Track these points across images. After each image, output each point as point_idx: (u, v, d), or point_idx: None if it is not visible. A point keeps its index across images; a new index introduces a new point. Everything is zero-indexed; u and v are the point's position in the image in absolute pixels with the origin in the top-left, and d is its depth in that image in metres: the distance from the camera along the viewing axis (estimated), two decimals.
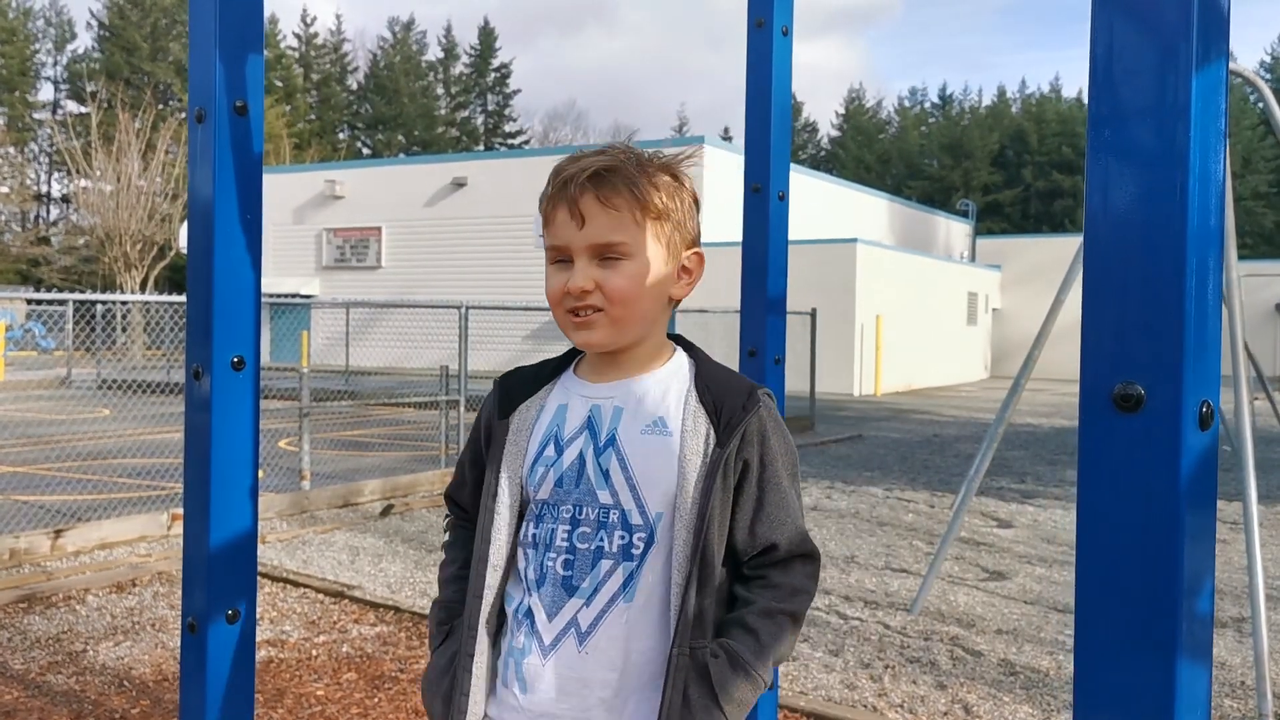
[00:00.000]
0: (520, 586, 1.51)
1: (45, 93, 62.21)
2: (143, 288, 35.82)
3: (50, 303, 25.08)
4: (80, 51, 64.94)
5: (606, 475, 1.47)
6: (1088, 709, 0.83)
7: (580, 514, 1.47)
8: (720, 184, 27.64)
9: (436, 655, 1.55)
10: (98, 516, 7.52)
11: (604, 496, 1.46)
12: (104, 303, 23.03)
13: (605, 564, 1.45)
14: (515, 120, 73.12)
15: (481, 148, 67.64)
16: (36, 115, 60.04)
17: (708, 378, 1.52)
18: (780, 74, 2.18)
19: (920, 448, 13.67)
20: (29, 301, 28.22)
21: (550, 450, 1.51)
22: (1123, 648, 0.80)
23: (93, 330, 23.73)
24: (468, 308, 10.93)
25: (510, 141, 70.80)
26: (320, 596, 5.82)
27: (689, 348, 1.59)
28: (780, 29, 2.19)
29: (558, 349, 1.68)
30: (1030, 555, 7.18)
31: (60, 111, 59.18)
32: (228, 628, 1.43)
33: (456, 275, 29.33)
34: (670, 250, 1.50)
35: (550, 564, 1.47)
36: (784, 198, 2.19)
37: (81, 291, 40.78)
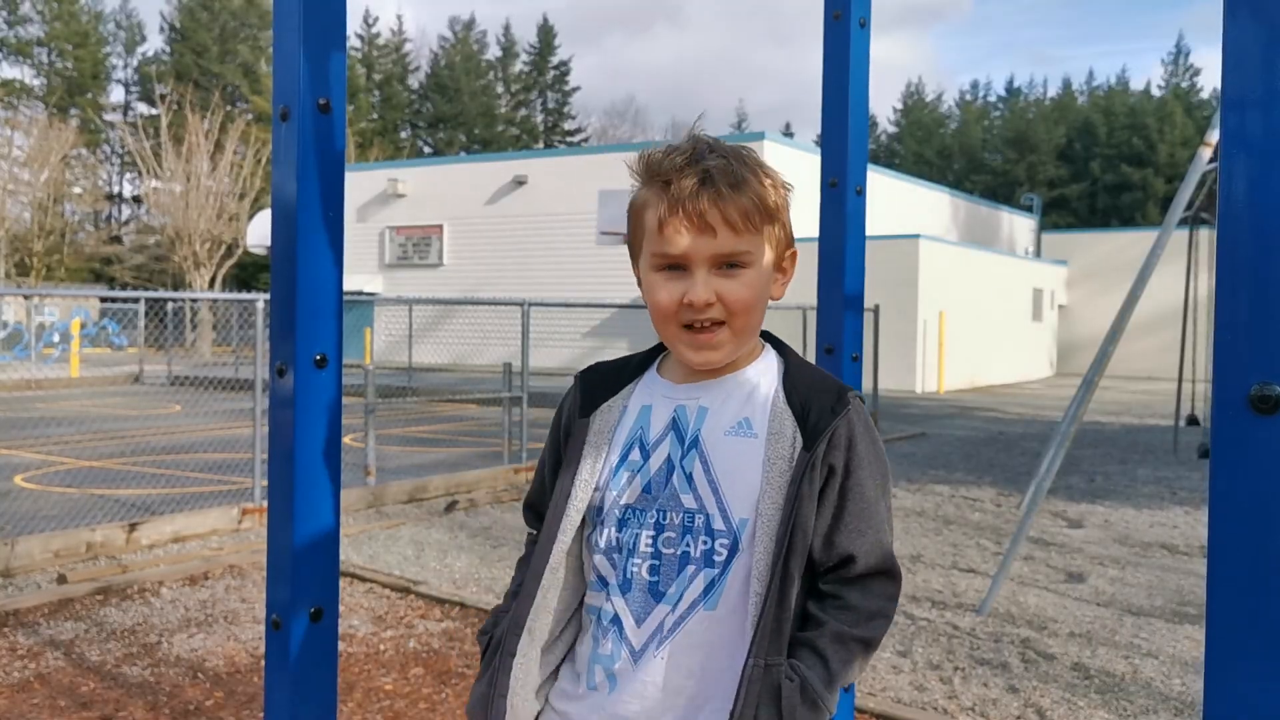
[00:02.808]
0: (601, 593, 1.47)
1: (116, 95, 63.63)
2: (211, 286, 36.49)
3: (123, 300, 25.67)
4: (150, 54, 66.27)
5: (690, 479, 1.43)
6: (1219, 717, 0.79)
7: (665, 519, 1.43)
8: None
9: (479, 678, 1.50)
10: (171, 511, 7.67)
11: (688, 501, 1.42)
12: (174, 300, 23.51)
13: (689, 569, 1.42)
14: (574, 118, 73.32)
15: (541, 145, 67.94)
16: (108, 117, 61.37)
17: (796, 377, 1.46)
18: (858, 67, 2.14)
19: (985, 445, 13.47)
20: (102, 299, 28.91)
21: (636, 454, 1.47)
22: (1259, 657, 0.76)
23: (163, 327, 24.23)
24: (529, 305, 10.97)
25: (569, 139, 71.02)
26: (387, 591, 5.88)
27: (779, 346, 1.54)
28: (858, 21, 2.15)
29: (618, 346, 1.66)
30: (1103, 556, 7.04)
31: (131, 113, 60.43)
32: (311, 625, 1.44)
33: (517, 273, 29.49)
34: (777, 252, 1.47)
35: (635, 569, 1.44)
36: (861, 192, 2.16)
37: (152, 290, 41.68)
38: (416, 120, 69.03)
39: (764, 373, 1.48)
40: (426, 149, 66.95)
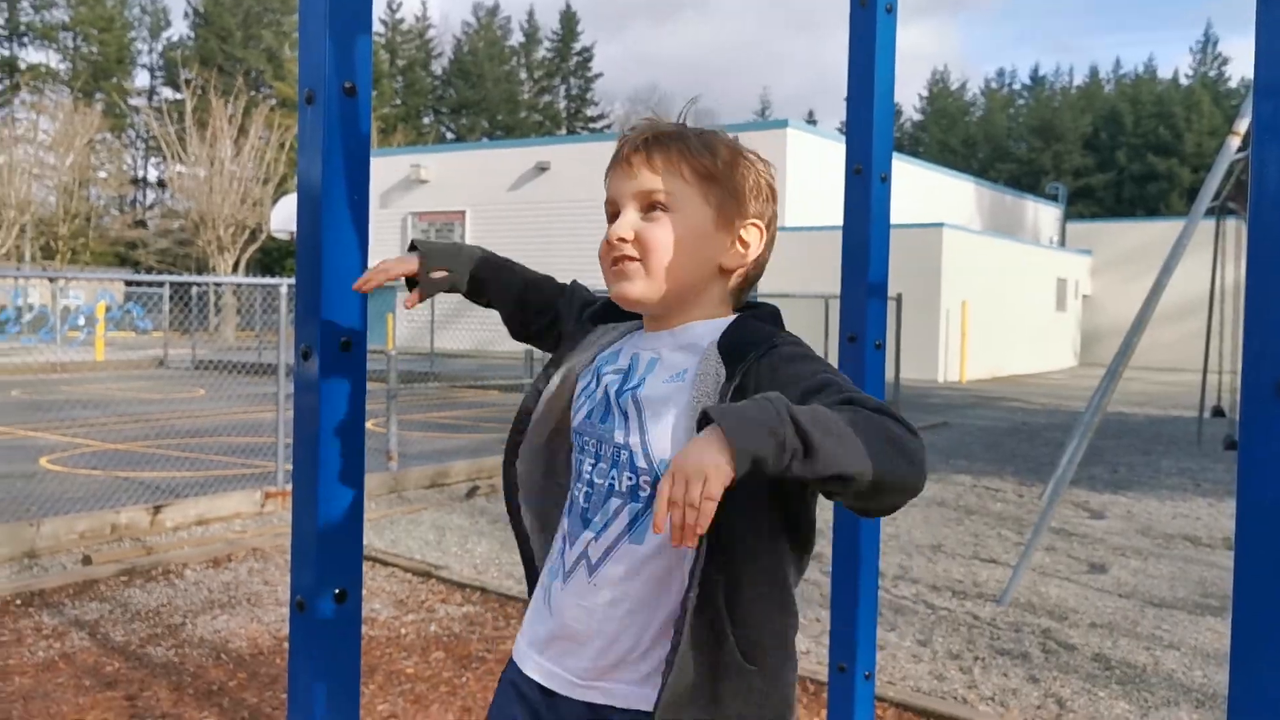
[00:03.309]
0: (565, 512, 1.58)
1: (141, 80, 64.02)
2: (235, 270, 36.69)
3: (147, 284, 25.84)
4: (175, 39, 66.58)
5: (625, 416, 1.48)
6: (1244, 709, 0.79)
7: (600, 450, 1.50)
8: (803, 168, 27.38)
9: None
10: (194, 493, 7.72)
11: (619, 437, 1.48)
12: (198, 285, 23.65)
13: (614, 502, 1.47)
14: (597, 104, 73.30)
15: (564, 131, 67.90)
16: (133, 102, 61.72)
17: (736, 329, 1.48)
18: (884, 54, 2.13)
19: (1008, 436, 13.41)
20: (127, 283, 29.11)
21: (592, 382, 1.56)
22: None
23: (188, 311, 24.39)
24: None
25: (592, 125, 70.96)
26: (408, 576, 5.91)
27: (760, 315, 1.54)
28: (884, 7, 2.14)
29: None
30: (1125, 547, 7.00)
31: (156, 98, 60.80)
32: (336, 607, 1.45)
33: (540, 259, 29.41)
34: (720, 215, 1.51)
35: (576, 494, 1.53)
36: (886, 179, 2.15)
37: (176, 274, 41.96)
38: (439, 106, 69.11)
39: (714, 329, 1.50)
40: (449, 135, 67.02)
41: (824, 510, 5.62)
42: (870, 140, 2.12)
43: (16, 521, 6.45)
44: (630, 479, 1.47)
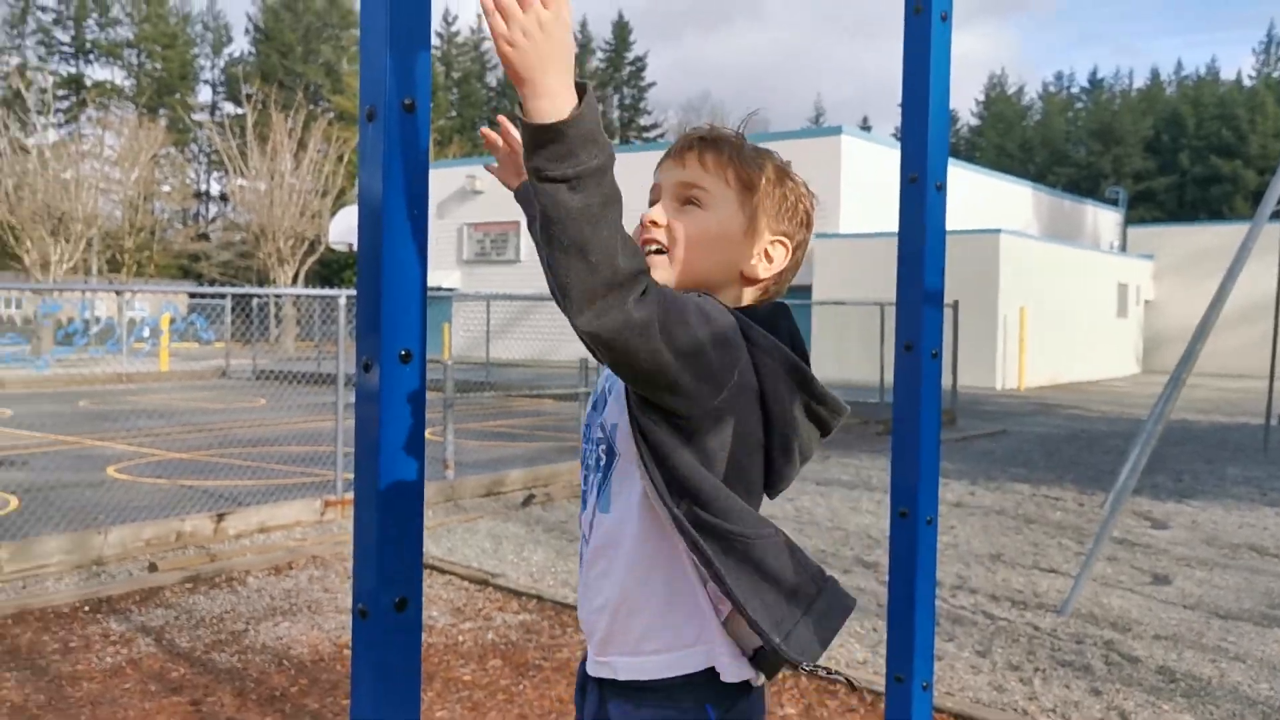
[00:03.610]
0: None
1: (204, 95, 65.33)
2: (294, 282, 37.24)
3: (210, 296, 26.31)
4: (236, 54, 67.84)
5: (607, 402, 1.57)
6: None
7: (589, 434, 1.60)
8: (858, 174, 27.22)
9: None
10: (256, 502, 7.85)
11: (600, 419, 1.57)
12: (259, 296, 24.04)
13: (593, 476, 1.57)
14: (650, 113, 73.43)
15: (617, 141, 68.16)
16: (196, 117, 62.95)
17: None
18: (939, 61, 2.12)
19: (1068, 443, 13.21)
20: (190, 295, 29.67)
21: (599, 376, 1.68)
22: None
23: (249, 322, 24.82)
24: None
25: (645, 135, 71.14)
26: (465, 584, 5.95)
27: (755, 314, 1.55)
28: (939, 14, 2.13)
29: None
30: (1189, 558, 6.86)
31: (218, 113, 61.97)
32: (396, 615, 1.47)
33: None
34: (751, 224, 1.55)
35: (583, 480, 1.63)
36: (941, 188, 2.14)
37: (238, 286, 42.67)
38: (494, 117, 69.63)
39: None
40: None
41: (879, 519, 5.63)
42: (925, 149, 2.12)
43: (85, 530, 6.60)
44: (598, 451, 1.56)
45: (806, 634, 1.47)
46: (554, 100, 1.21)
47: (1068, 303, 26.92)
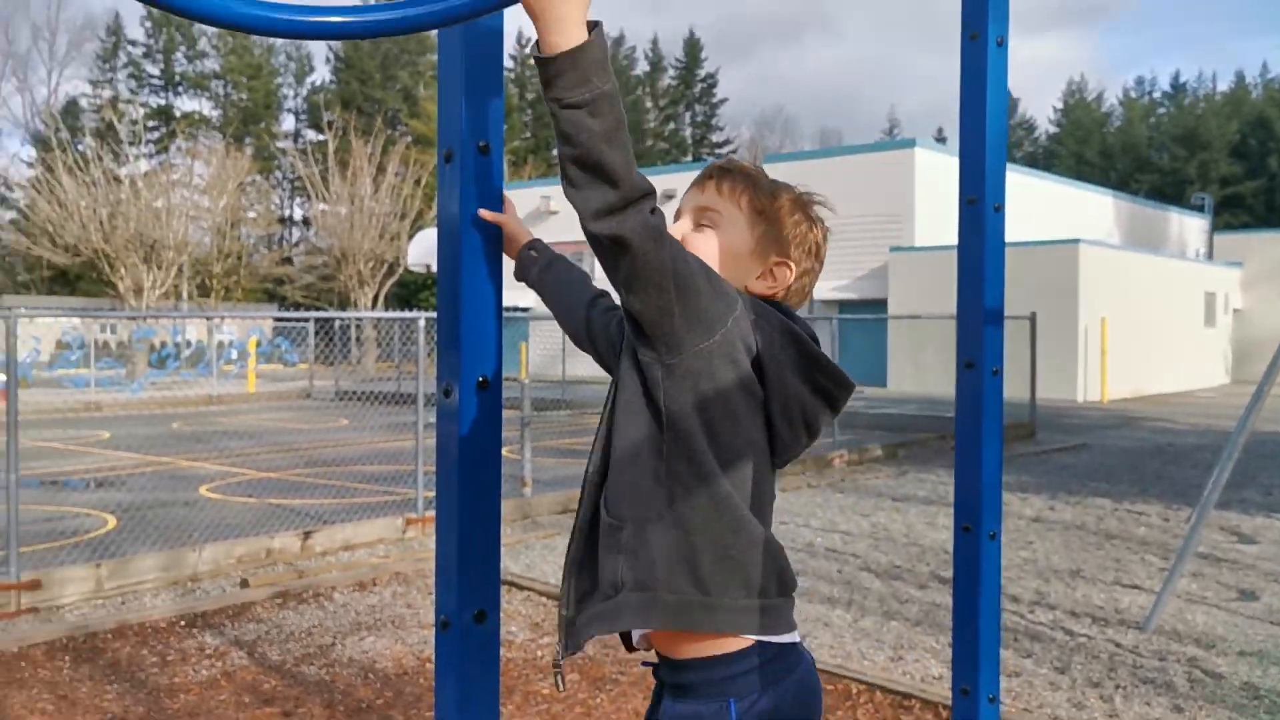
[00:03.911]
0: None
1: (287, 123, 66.98)
2: (374, 303, 37.93)
3: (294, 320, 26.94)
4: (318, 83, 69.46)
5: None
6: None
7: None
8: (932, 188, 26.98)
9: None
10: (340, 520, 8.06)
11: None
12: (340, 319, 24.56)
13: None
14: (722, 129, 73.50)
15: (689, 158, 68.32)
16: (279, 144, 64.55)
17: None
18: (995, 85, 2.17)
19: (1152, 457, 12.94)
20: (275, 319, 30.42)
21: None
22: None
23: (331, 344, 25.36)
24: None
25: (718, 151, 71.20)
26: (544, 600, 6.06)
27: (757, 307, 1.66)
28: (995, 40, 2.18)
29: None
30: (1278, 573, 6.71)
31: (300, 140, 63.50)
32: (476, 626, 1.56)
33: None
34: (759, 245, 1.67)
35: None
36: (1000, 209, 2.18)
37: (320, 308, 43.61)
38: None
39: None
40: None
41: (942, 532, 5.62)
42: (983, 171, 2.17)
43: (180, 547, 6.85)
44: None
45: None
46: (566, 32, 1.31)
47: (1152, 313, 26.34)
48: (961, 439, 2.21)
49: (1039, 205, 29.30)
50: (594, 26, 1.35)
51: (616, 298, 1.58)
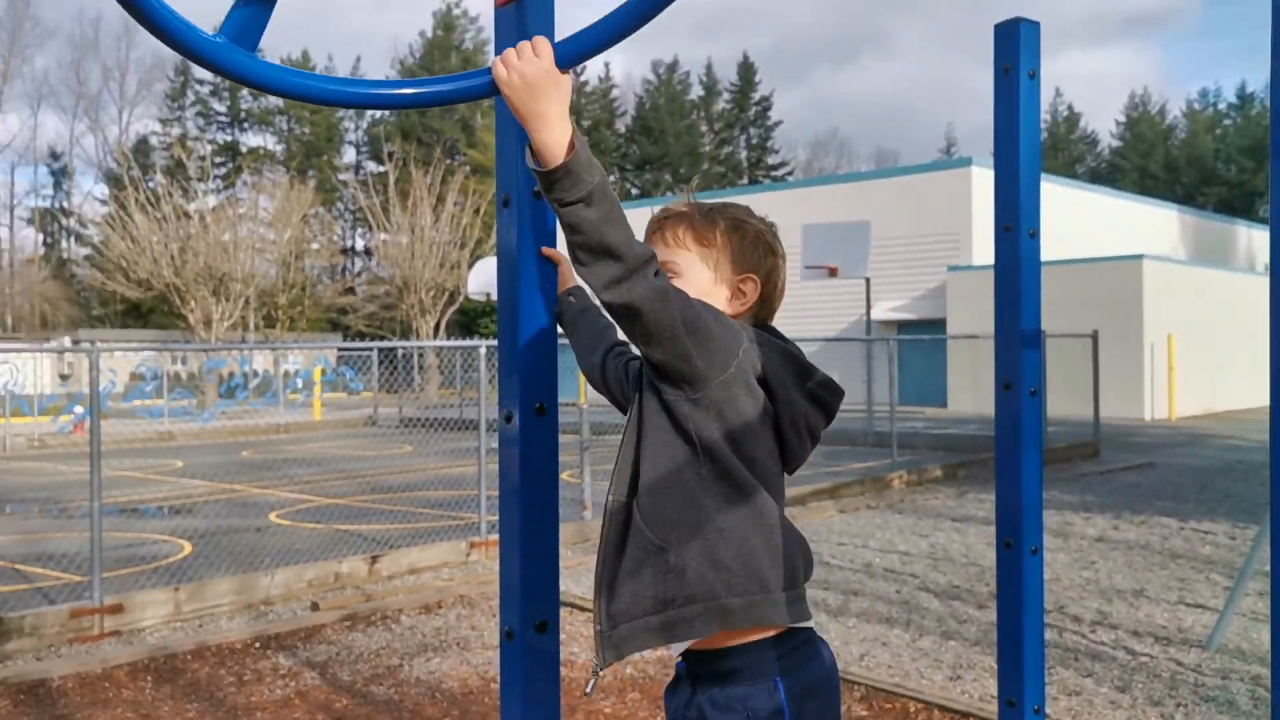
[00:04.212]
0: None
1: (348, 155, 68.23)
2: (435, 331, 38.48)
3: (359, 350, 27.43)
4: (378, 116, 70.68)
5: None
6: None
7: None
8: (989, 206, 26.73)
9: None
10: (406, 544, 8.24)
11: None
12: (404, 348, 24.97)
13: None
14: (777, 152, 73.54)
15: (745, 181, 68.45)
16: (341, 177, 65.85)
17: None
18: (1028, 117, 2.26)
19: (1221, 475, 12.75)
20: (339, 348, 31.03)
21: None
22: None
23: (394, 372, 25.78)
24: None
25: (774, 174, 71.25)
26: None
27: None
28: (1027, 73, 2.27)
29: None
30: None
31: (361, 172, 64.68)
32: (537, 636, 1.68)
33: None
34: (718, 272, 1.82)
35: None
36: (1034, 235, 2.27)
37: (383, 337, 44.28)
38: (624, 163, 70.78)
39: None
40: (634, 191, 68.54)
41: (977, 541, 5.65)
42: (1017, 199, 2.25)
43: (253, 572, 7.07)
44: None
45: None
46: (552, 130, 1.50)
47: (1220, 328, 25.87)
48: (1001, 457, 2.29)
49: (1102, 222, 28.98)
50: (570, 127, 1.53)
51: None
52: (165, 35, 1.28)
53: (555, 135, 1.50)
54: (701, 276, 1.81)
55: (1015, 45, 2.26)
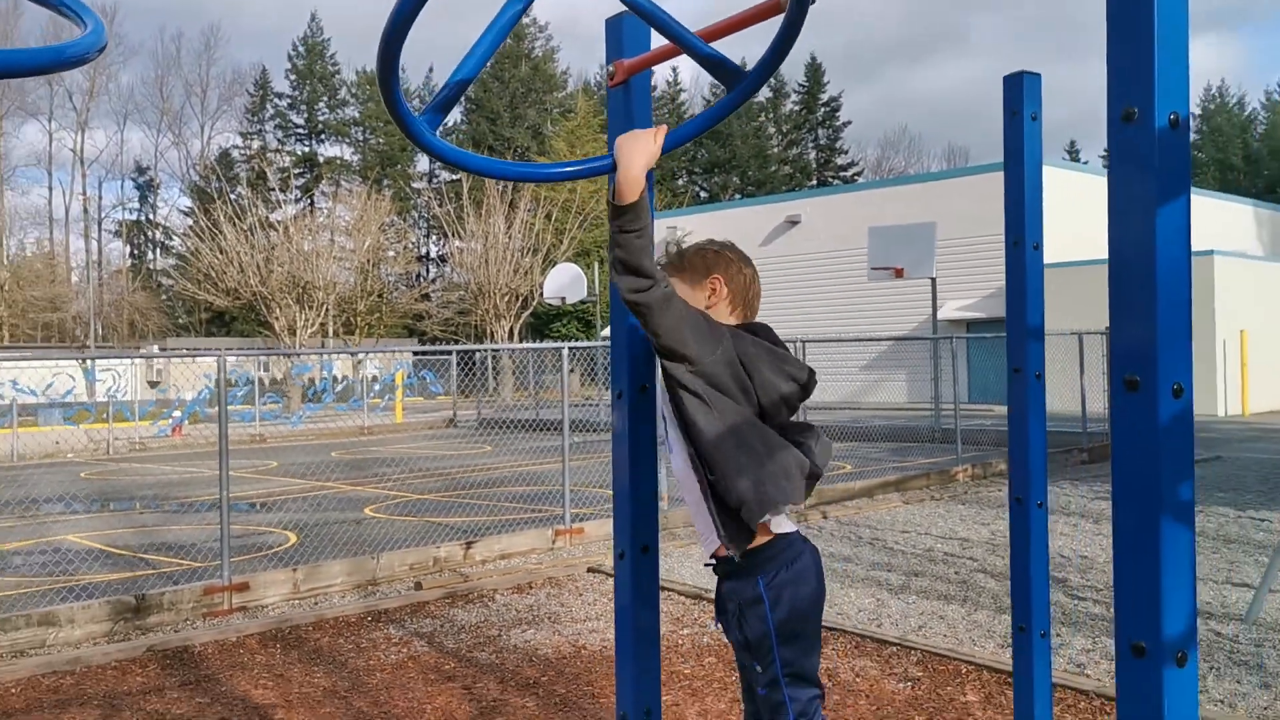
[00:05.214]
0: None
1: (422, 164, 69.59)
2: (510, 335, 39.34)
3: (435, 354, 28.28)
4: (450, 124, 72.05)
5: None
6: None
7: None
8: (1060, 205, 26.82)
9: None
10: (495, 533, 8.87)
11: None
12: (481, 352, 25.77)
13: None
14: (846, 152, 73.47)
15: (814, 183, 68.56)
16: (415, 186, 67.29)
17: None
18: (1031, 152, 2.76)
19: None
20: (415, 353, 31.98)
21: None
22: None
23: (472, 376, 26.60)
24: (805, 342, 11.66)
25: (842, 174, 71.23)
26: (682, 599, 6.71)
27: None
28: (1030, 115, 2.77)
29: (896, 379, 2.47)
30: None
31: (435, 180, 66.02)
32: (642, 556, 2.23)
33: (791, 310, 30.21)
34: (694, 285, 2.48)
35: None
36: (1038, 248, 2.77)
37: (457, 341, 45.31)
38: (692, 167, 71.27)
39: None
40: (703, 194, 69.00)
41: (1072, 540, 6.26)
42: (1023, 219, 2.76)
43: (360, 556, 7.74)
44: (663, 426, 2.41)
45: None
46: (633, 186, 2.12)
47: None
48: (1013, 428, 2.79)
49: None
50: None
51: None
52: (407, 132, 1.91)
53: (636, 186, 2.12)
54: (684, 289, 2.43)
55: (1020, 93, 2.77)
